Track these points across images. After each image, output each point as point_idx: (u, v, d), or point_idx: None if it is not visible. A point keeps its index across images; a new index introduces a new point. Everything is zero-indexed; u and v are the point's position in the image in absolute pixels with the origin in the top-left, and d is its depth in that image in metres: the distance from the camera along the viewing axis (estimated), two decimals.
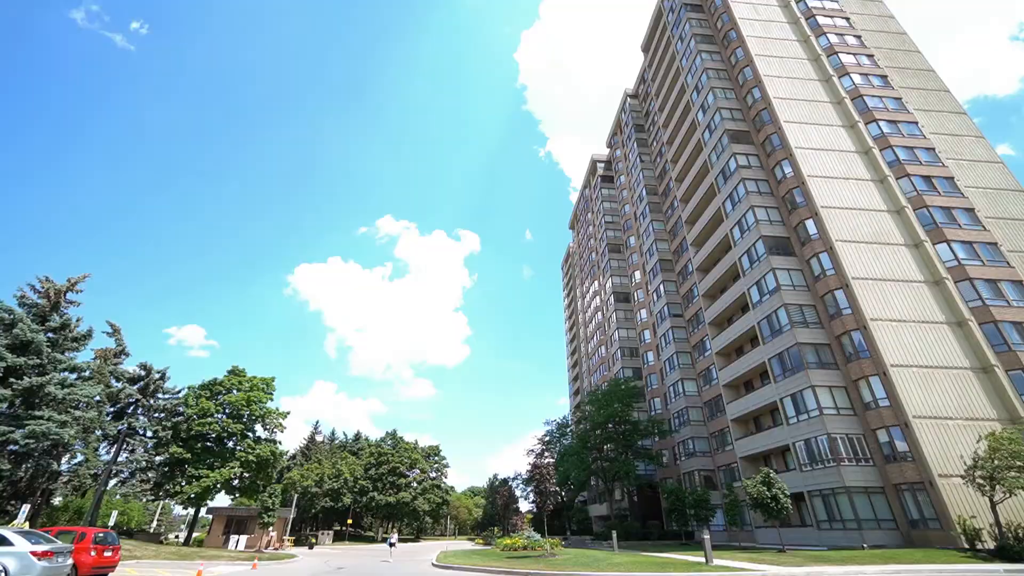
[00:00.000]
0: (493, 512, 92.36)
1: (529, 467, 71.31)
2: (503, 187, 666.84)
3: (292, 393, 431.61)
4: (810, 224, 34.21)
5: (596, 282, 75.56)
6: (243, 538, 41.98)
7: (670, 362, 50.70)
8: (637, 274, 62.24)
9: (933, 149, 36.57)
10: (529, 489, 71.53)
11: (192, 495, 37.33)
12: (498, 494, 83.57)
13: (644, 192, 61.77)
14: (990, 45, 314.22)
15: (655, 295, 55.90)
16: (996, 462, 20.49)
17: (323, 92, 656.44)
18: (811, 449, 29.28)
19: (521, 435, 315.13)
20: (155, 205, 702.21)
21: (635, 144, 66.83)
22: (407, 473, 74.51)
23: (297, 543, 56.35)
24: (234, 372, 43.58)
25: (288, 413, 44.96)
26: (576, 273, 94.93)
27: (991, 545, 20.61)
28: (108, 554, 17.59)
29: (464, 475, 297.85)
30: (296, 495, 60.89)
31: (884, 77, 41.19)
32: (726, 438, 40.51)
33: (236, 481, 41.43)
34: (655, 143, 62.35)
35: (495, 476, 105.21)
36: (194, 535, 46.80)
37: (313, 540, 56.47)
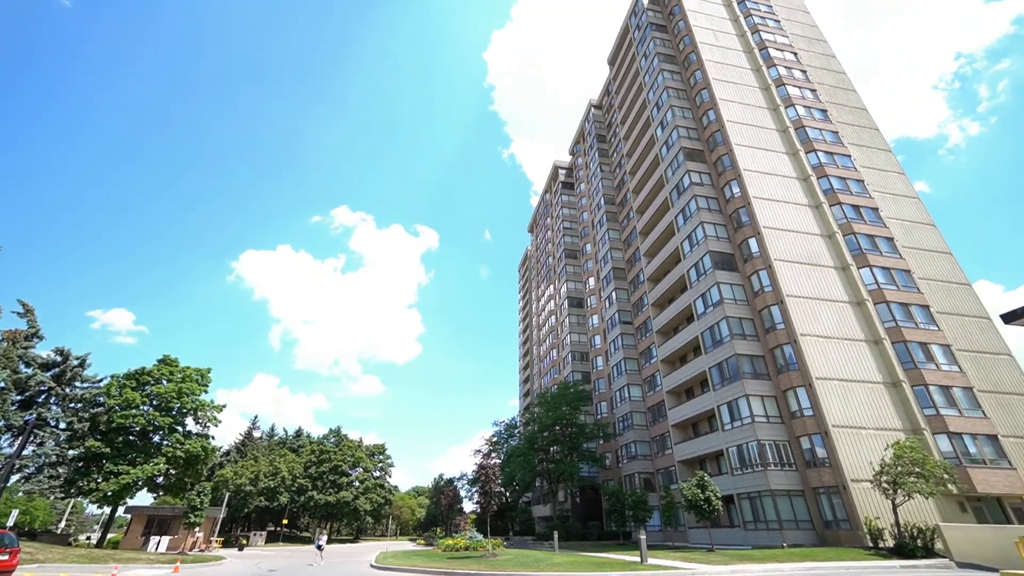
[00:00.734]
0: (437, 512, 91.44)
1: (475, 467, 71.06)
2: (465, 185, 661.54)
3: (230, 386, 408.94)
4: (753, 243, 36.38)
5: (552, 286, 76.69)
6: (165, 539, 39.28)
7: (618, 368, 52.27)
8: (591, 280, 63.75)
9: (862, 181, 39.89)
10: (474, 490, 71.24)
11: (109, 493, 34.51)
12: (443, 494, 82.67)
13: (602, 201, 63.42)
14: (915, 91, 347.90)
15: (607, 302, 57.48)
16: (899, 468, 22.64)
17: (283, 71, 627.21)
18: (743, 454, 31.13)
19: (470, 436, 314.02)
20: (79, 174, 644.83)
21: (596, 154, 68.51)
22: (349, 472, 72.35)
23: (226, 544, 53.39)
24: (165, 361, 40.76)
25: (224, 407, 42.55)
26: (532, 276, 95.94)
27: (891, 543, 22.74)
28: (4, 557, 16.02)
29: (409, 475, 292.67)
30: (228, 494, 57.64)
31: (824, 111, 44.50)
32: (666, 442, 42.26)
33: (161, 478, 38.70)
34: (615, 154, 64.17)
35: (441, 476, 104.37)
36: (109, 536, 43.32)
37: (244, 541, 53.69)
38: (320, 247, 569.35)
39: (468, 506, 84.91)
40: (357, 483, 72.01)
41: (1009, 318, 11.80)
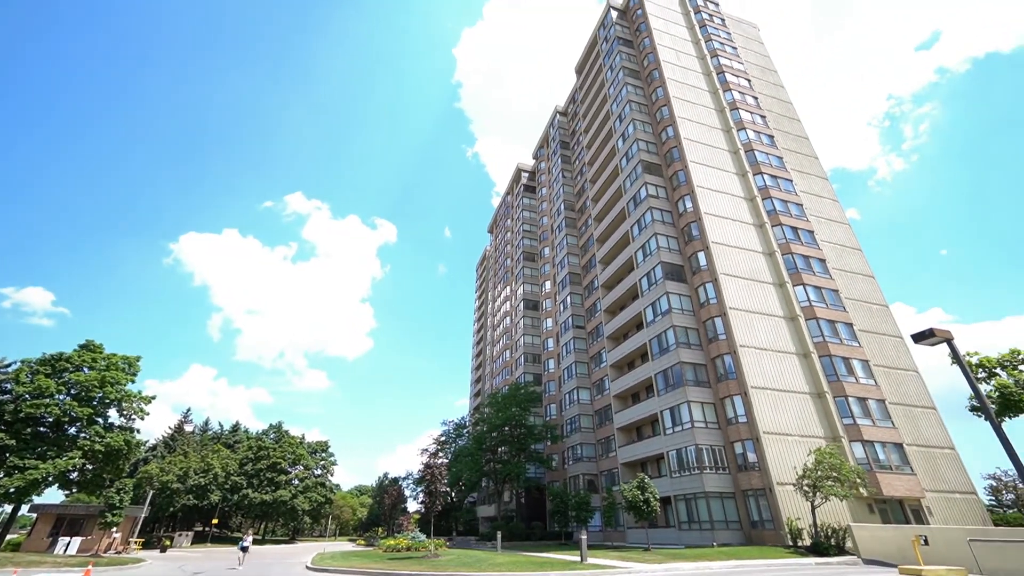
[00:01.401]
0: (379, 512, 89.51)
1: (422, 467, 70.27)
2: (427, 181, 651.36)
3: (161, 376, 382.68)
4: (701, 256, 38.18)
5: (508, 287, 77.04)
6: (76, 540, 36.12)
7: (569, 371, 53.27)
8: (547, 284, 64.62)
9: (801, 205, 42.81)
10: (419, 489, 70.40)
11: (12, 489, 31.35)
12: (387, 494, 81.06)
13: (562, 206, 64.48)
14: (852, 126, 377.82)
15: (562, 306, 58.47)
16: (819, 473, 24.48)
17: (240, 43, 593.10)
18: (682, 457, 32.59)
19: (418, 434, 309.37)
20: None
21: (559, 160, 69.57)
22: (289, 469, 69.36)
23: (147, 546, 49.78)
24: (88, 347, 37.57)
25: (153, 398, 39.77)
26: (490, 276, 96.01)
27: (808, 542, 24.53)
28: None
29: (353, 473, 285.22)
30: (152, 491, 53.75)
31: (772, 137, 47.41)
32: (611, 445, 43.50)
33: (75, 474, 35.63)
34: (578, 161, 65.43)
35: (385, 475, 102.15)
36: (9, 537, 39.30)
37: (167, 542, 50.28)
38: (270, 234, 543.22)
39: (412, 506, 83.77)
40: (296, 481, 69.20)
41: (918, 338, 13.17)
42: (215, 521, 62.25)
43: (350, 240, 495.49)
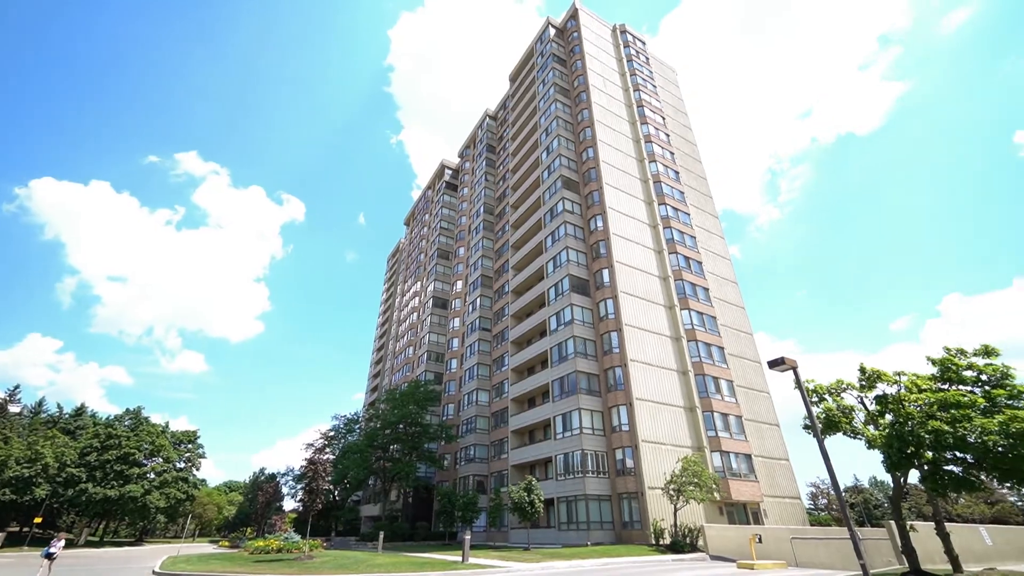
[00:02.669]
0: (252, 511, 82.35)
1: (305, 462, 66.09)
2: (346, 162, 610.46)
3: None
4: (605, 273, 40.77)
5: (419, 283, 75.66)
6: None
7: (471, 372, 53.61)
8: (459, 284, 64.57)
9: (695, 238, 47.61)
10: (299, 487, 66.06)
11: None
12: (261, 491, 74.75)
13: (482, 209, 64.94)
14: (742, 176, 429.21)
15: (470, 307, 58.74)
16: (683, 479, 27.33)
17: None
18: (568, 462, 34.37)
19: (304, 429, 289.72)
20: None
21: (484, 162, 70.05)
22: (144, 462, 61.04)
23: None
24: None
25: None
26: (401, 269, 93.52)
27: (669, 541, 27.21)
28: None
29: (224, 469, 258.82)
30: None
31: (677, 172, 52.19)
32: (504, 447, 44.51)
33: None
34: (502, 167, 66.39)
35: (262, 471, 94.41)
36: None
37: None
38: (152, 194, 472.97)
39: (290, 504, 78.39)
40: (152, 475, 61.13)
41: (772, 364, 15.35)
42: (38, 520, 52.58)
43: (250, 212, 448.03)
